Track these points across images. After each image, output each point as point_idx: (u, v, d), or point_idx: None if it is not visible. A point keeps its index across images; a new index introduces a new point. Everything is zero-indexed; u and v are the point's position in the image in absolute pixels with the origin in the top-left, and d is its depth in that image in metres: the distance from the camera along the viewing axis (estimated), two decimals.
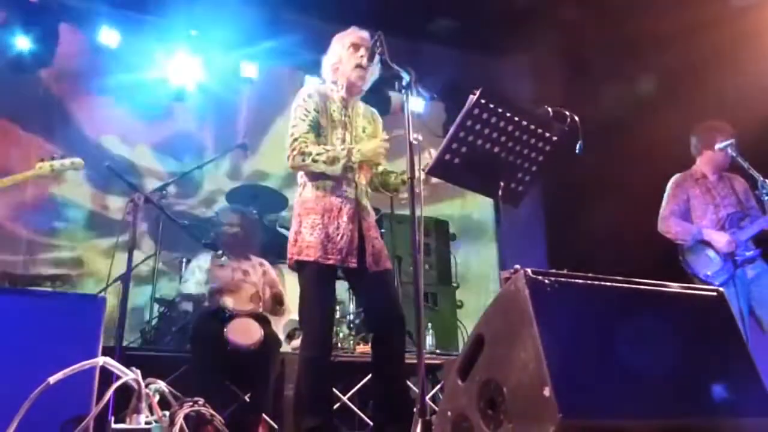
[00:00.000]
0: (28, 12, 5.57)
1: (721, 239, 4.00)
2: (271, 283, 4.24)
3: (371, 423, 3.63)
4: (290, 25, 6.10)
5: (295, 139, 2.93)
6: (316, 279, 2.88)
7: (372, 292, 3.00)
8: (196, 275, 4.14)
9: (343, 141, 3.02)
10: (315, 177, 2.98)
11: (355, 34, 3.10)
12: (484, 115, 2.55)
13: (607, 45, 6.11)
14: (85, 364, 1.89)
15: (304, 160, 2.89)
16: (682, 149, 4.51)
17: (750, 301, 3.97)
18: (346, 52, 3.08)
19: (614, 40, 5.92)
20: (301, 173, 3.04)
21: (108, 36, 5.85)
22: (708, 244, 4.06)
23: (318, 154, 2.88)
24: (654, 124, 5.45)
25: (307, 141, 2.92)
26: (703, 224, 4.14)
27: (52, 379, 1.80)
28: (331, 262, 2.86)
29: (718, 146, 4.14)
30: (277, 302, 4.15)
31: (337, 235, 2.89)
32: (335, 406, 3.81)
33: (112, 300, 4.47)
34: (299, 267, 2.92)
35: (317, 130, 2.99)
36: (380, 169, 3.19)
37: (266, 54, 6.37)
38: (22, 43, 5.62)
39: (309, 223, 2.91)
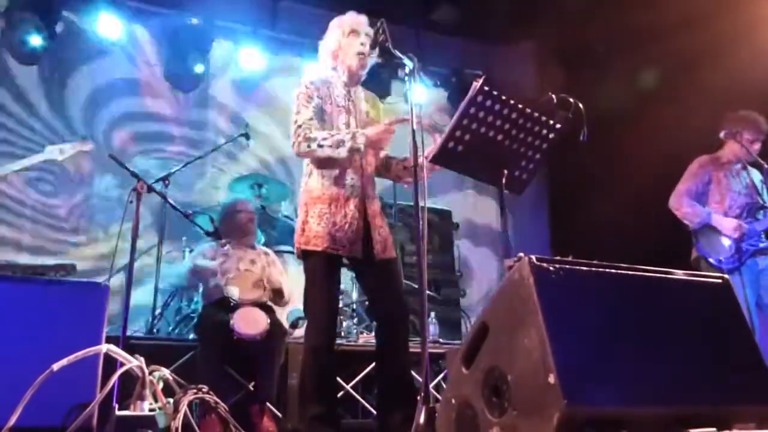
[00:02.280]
0: None
1: (729, 224, 4.01)
2: (274, 276, 4.14)
3: (375, 411, 3.63)
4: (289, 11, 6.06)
5: (299, 126, 2.90)
6: (323, 268, 2.87)
7: (377, 281, 2.99)
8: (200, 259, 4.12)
9: (348, 126, 3.00)
10: (321, 165, 2.95)
11: (353, 19, 3.05)
12: (488, 103, 2.54)
13: (610, 35, 6.08)
14: (89, 351, 1.90)
15: (309, 146, 2.86)
16: (686, 138, 4.50)
17: (758, 290, 3.98)
18: (346, 39, 3.03)
19: (617, 30, 5.89)
20: (307, 161, 3.02)
21: None
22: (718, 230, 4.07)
23: (323, 139, 2.85)
24: (658, 113, 5.43)
25: (311, 127, 2.89)
26: (721, 210, 4.13)
27: (55, 366, 1.80)
28: (339, 252, 2.86)
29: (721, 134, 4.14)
30: (278, 295, 4.12)
31: (345, 224, 2.87)
32: (339, 395, 3.82)
33: (115, 289, 4.48)
34: (305, 256, 2.91)
35: (321, 115, 2.96)
36: (382, 154, 3.16)
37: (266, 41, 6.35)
38: None
39: (316, 213, 2.89)
